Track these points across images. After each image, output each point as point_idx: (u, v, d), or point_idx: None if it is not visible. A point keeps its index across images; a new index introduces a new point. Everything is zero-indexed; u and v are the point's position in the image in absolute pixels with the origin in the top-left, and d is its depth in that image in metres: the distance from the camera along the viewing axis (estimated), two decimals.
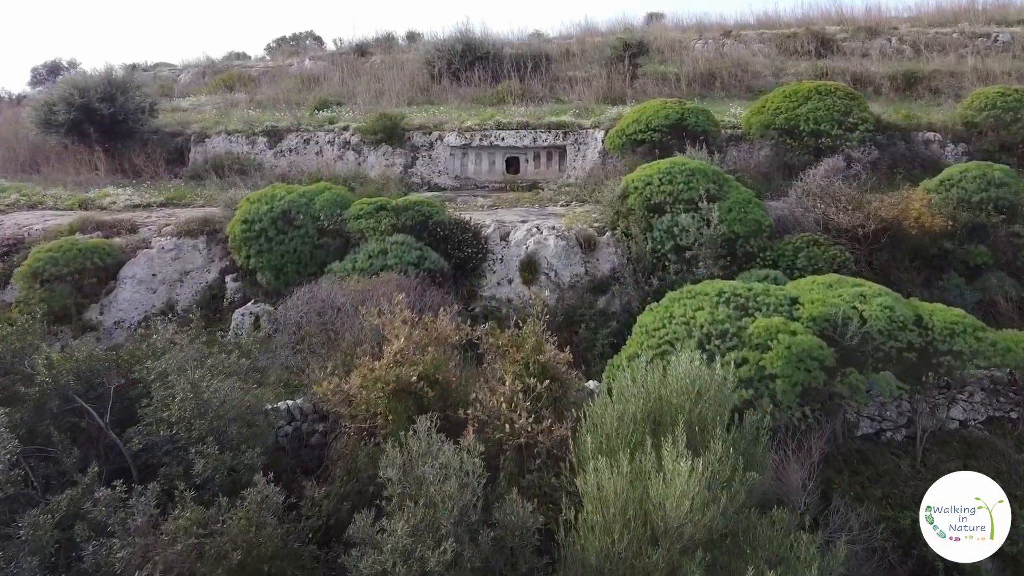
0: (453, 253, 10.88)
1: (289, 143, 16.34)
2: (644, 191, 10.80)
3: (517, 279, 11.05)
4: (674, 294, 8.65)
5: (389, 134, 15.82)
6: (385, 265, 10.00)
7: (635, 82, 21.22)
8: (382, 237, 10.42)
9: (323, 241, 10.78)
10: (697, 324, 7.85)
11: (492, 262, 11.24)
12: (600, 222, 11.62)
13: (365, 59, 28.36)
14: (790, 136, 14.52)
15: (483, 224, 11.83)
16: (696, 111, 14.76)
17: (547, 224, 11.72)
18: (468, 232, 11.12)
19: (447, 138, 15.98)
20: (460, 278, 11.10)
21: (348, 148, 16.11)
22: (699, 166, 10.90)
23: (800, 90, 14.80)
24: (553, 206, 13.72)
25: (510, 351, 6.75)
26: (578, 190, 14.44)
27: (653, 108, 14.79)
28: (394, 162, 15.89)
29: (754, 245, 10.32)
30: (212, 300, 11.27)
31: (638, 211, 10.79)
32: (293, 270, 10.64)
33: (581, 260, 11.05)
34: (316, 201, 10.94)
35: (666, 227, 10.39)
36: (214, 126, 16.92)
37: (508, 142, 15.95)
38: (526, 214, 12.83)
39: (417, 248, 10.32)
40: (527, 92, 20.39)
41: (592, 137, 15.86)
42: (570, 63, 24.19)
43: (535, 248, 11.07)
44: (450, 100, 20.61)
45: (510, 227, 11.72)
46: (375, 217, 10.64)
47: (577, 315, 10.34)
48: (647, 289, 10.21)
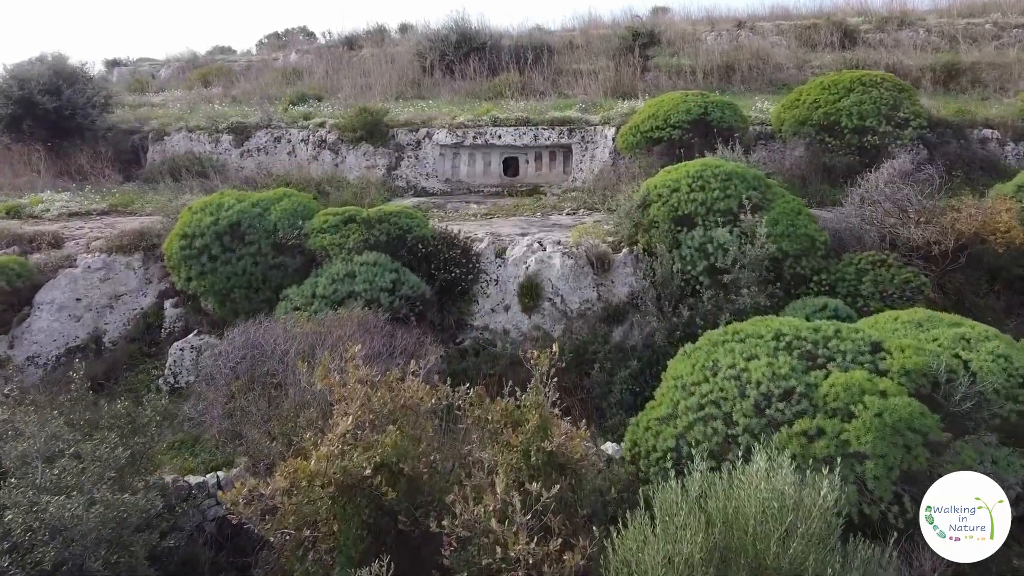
0: (437, 274, 8.97)
1: (257, 141, 14.43)
2: (670, 200, 8.89)
3: (515, 305, 9.14)
4: (716, 334, 6.74)
5: (370, 131, 13.91)
6: (352, 292, 8.10)
7: (646, 75, 19.35)
8: (350, 256, 8.51)
9: (280, 260, 8.87)
10: (752, 380, 5.94)
11: (485, 284, 9.33)
12: (615, 236, 9.71)
13: (354, 52, 26.56)
14: (829, 134, 12.63)
15: (475, 238, 9.92)
16: (721, 105, 12.86)
17: (551, 238, 9.81)
18: (456, 248, 9.21)
19: (436, 136, 14.07)
20: (446, 304, 9.19)
21: (324, 147, 14.20)
22: (736, 169, 8.99)
23: (841, 81, 12.89)
24: (557, 215, 11.81)
25: (504, 431, 4.85)
26: (586, 196, 12.54)
27: (672, 101, 12.88)
28: (376, 163, 13.98)
29: (806, 266, 8.41)
30: (147, 330, 9.37)
31: (662, 224, 8.88)
32: (242, 296, 8.73)
33: (593, 282, 9.14)
34: (272, 211, 9.03)
35: (698, 244, 8.48)
36: (175, 123, 15.01)
37: (506, 140, 14.05)
38: (526, 225, 10.92)
39: (392, 270, 8.41)
40: (527, 86, 18.51)
41: (601, 135, 13.94)
42: (574, 55, 22.33)
43: (537, 268, 9.16)
44: (443, 95, 18.73)
45: (507, 241, 9.82)
46: (341, 232, 8.73)
47: (589, 352, 8.43)
48: (675, 321, 8.30)
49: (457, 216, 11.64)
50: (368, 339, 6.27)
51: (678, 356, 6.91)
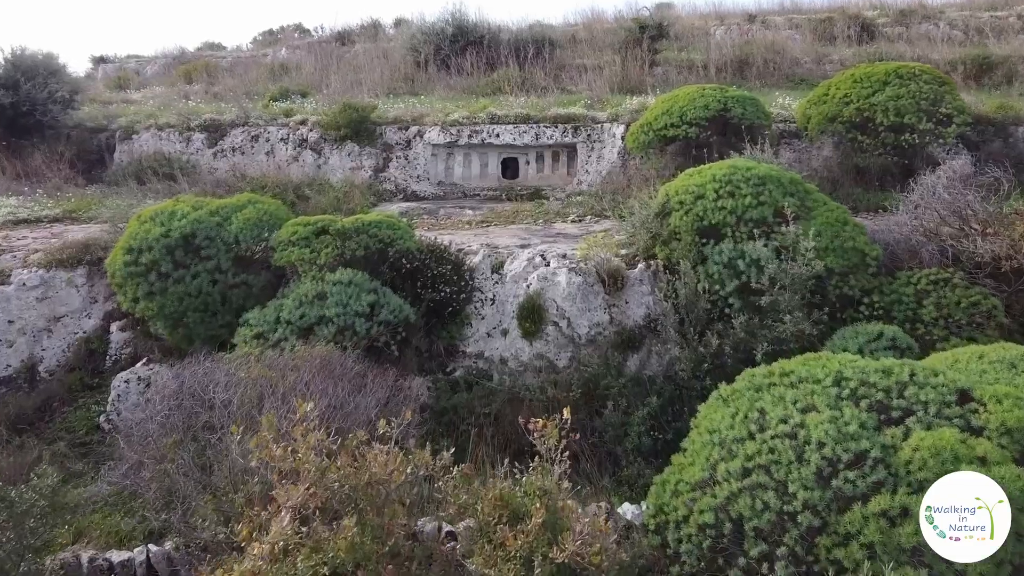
0: (424, 294, 7.75)
1: (233, 140, 13.21)
2: (694, 208, 7.66)
3: (514, 329, 7.91)
4: (758, 375, 5.51)
5: (356, 130, 12.69)
6: (322, 317, 6.88)
7: (654, 70, 18.16)
8: (321, 274, 7.29)
9: (242, 278, 7.64)
10: (811, 439, 4.71)
11: (480, 304, 8.11)
12: (628, 248, 8.49)
13: (347, 48, 25.47)
14: (862, 131, 11.42)
15: (468, 250, 8.70)
16: (743, 100, 11.65)
17: (555, 250, 8.59)
18: (446, 263, 7.98)
19: (428, 135, 12.85)
20: (435, 327, 7.97)
21: (305, 147, 12.97)
22: (770, 172, 7.77)
23: (874, 73, 11.66)
24: (562, 222, 10.59)
25: (498, 527, 3.61)
26: (593, 200, 11.32)
27: (688, 96, 11.67)
28: (362, 164, 12.76)
29: (855, 286, 7.18)
30: (90, 357, 8.15)
31: (685, 236, 7.66)
32: (197, 320, 7.50)
33: (604, 303, 7.92)
34: (233, 221, 7.80)
35: (727, 259, 7.26)
36: (144, 120, 13.78)
37: (505, 139, 12.83)
38: (526, 234, 9.70)
39: (370, 290, 7.18)
40: (528, 81, 17.30)
41: (609, 133, 12.72)
42: (576, 50, 21.15)
43: (540, 286, 7.93)
44: (437, 91, 17.52)
45: (505, 254, 8.60)
46: (312, 245, 7.50)
47: (601, 387, 7.20)
48: (702, 352, 7.07)
49: (449, 224, 10.42)
50: (331, 385, 5.04)
51: (712, 400, 5.69)
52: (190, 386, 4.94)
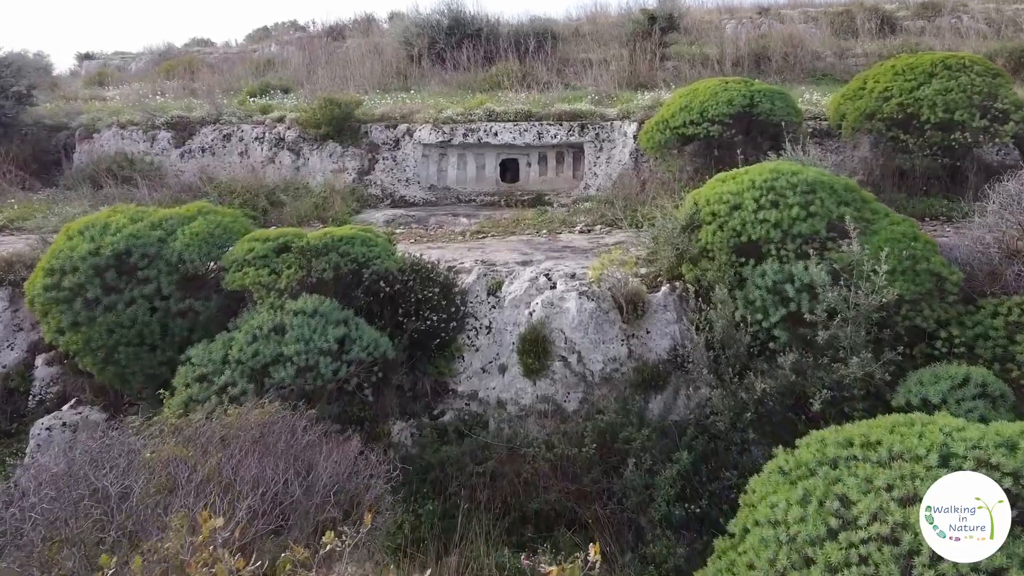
0: (407, 323, 6.47)
1: (202, 139, 11.93)
2: (730, 220, 6.38)
3: (514, 365, 6.63)
4: (831, 442, 4.24)
5: (338, 127, 11.42)
6: (280, 356, 5.60)
7: (665, 64, 16.89)
8: (281, 301, 6.01)
9: (187, 305, 6.36)
10: (922, 549, 3.44)
11: (473, 334, 6.84)
12: (649, 266, 7.21)
13: (339, 43, 24.27)
14: (904, 129, 10.14)
15: (460, 267, 7.44)
16: (770, 94, 10.38)
17: (563, 268, 7.32)
18: (433, 285, 6.71)
19: (419, 133, 11.57)
20: (420, 361, 6.70)
21: (282, 147, 11.70)
22: (820, 177, 6.48)
23: (919, 64, 10.38)
24: (568, 232, 9.32)
25: None
26: (603, 207, 10.05)
27: (709, 91, 10.40)
28: (345, 166, 11.48)
29: (929, 316, 5.90)
30: (10, 397, 6.88)
31: (719, 253, 6.38)
32: (131, 356, 6.22)
33: (621, 333, 6.64)
34: (178, 236, 6.52)
35: (771, 283, 5.98)
36: (106, 117, 12.49)
37: (503, 138, 11.56)
38: (528, 248, 8.42)
39: (339, 321, 5.91)
40: (529, 76, 16.02)
41: (620, 132, 11.45)
42: (580, 44, 19.92)
43: (545, 314, 6.65)
44: (431, 86, 16.27)
45: (504, 272, 7.32)
46: (271, 266, 6.22)
47: (620, 440, 5.91)
48: (743, 398, 5.79)
49: (440, 235, 9.14)
50: (271, 464, 3.77)
51: (770, 474, 4.42)
52: (78, 469, 3.67)
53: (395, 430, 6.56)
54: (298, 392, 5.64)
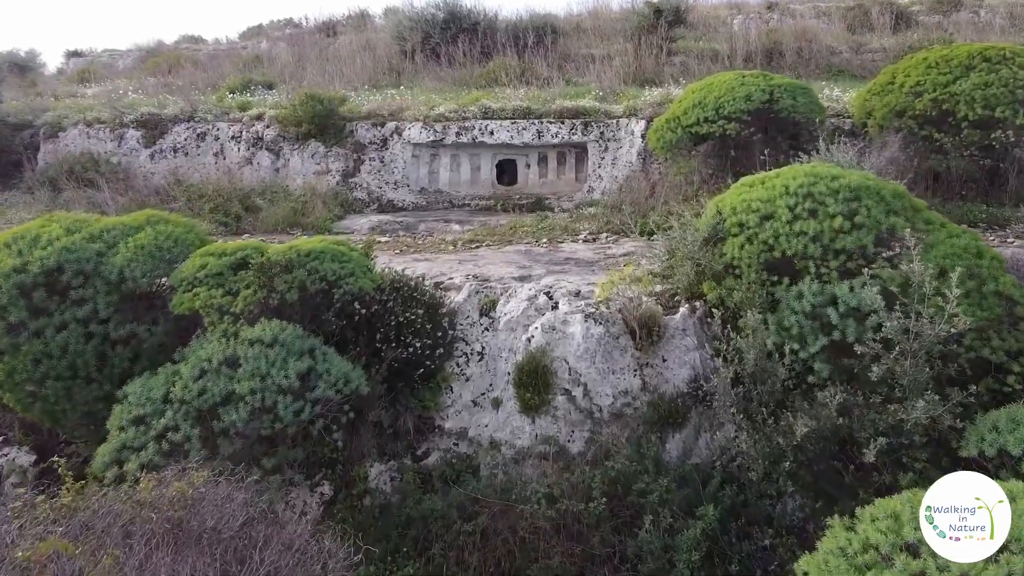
0: (386, 350, 5.58)
1: (175, 139, 11.03)
2: (760, 232, 5.50)
3: (510, 399, 5.74)
4: (904, 514, 3.37)
5: (321, 125, 10.53)
6: (231, 393, 4.72)
7: (672, 59, 16.02)
8: (236, 328, 5.12)
9: (129, 331, 5.47)
10: None
11: (463, 361, 5.96)
12: (664, 282, 6.32)
13: (332, 39, 23.46)
14: (938, 127, 9.27)
15: (449, 284, 6.56)
16: (792, 88, 9.52)
17: (566, 284, 6.43)
18: (417, 305, 5.82)
19: (409, 131, 10.68)
20: (401, 394, 5.82)
21: (261, 147, 10.81)
22: (865, 181, 5.60)
23: (954, 56, 9.49)
24: (571, 241, 8.43)
25: None
26: (610, 213, 9.16)
27: (725, 85, 9.52)
28: (328, 167, 10.59)
29: (998, 347, 5.00)
30: None
31: (747, 271, 5.50)
32: (60, 391, 5.32)
33: (633, 363, 5.75)
34: (120, 250, 5.63)
35: (810, 307, 5.09)
36: (73, 115, 11.61)
37: (500, 138, 10.68)
38: (527, 260, 7.53)
39: (303, 352, 5.02)
40: (528, 72, 15.14)
41: (627, 130, 10.57)
42: (582, 39, 19.07)
43: (546, 340, 5.76)
44: (425, 82, 15.38)
45: (498, 289, 6.43)
46: (226, 285, 5.34)
47: (634, 491, 5.02)
48: (780, 443, 4.90)
49: (430, 244, 8.25)
50: (192, 558, 2.88)
51: (827, 556, 3.53)
52: None
53: (372, 474, 5.68)
54: (253, 437, 4.76)
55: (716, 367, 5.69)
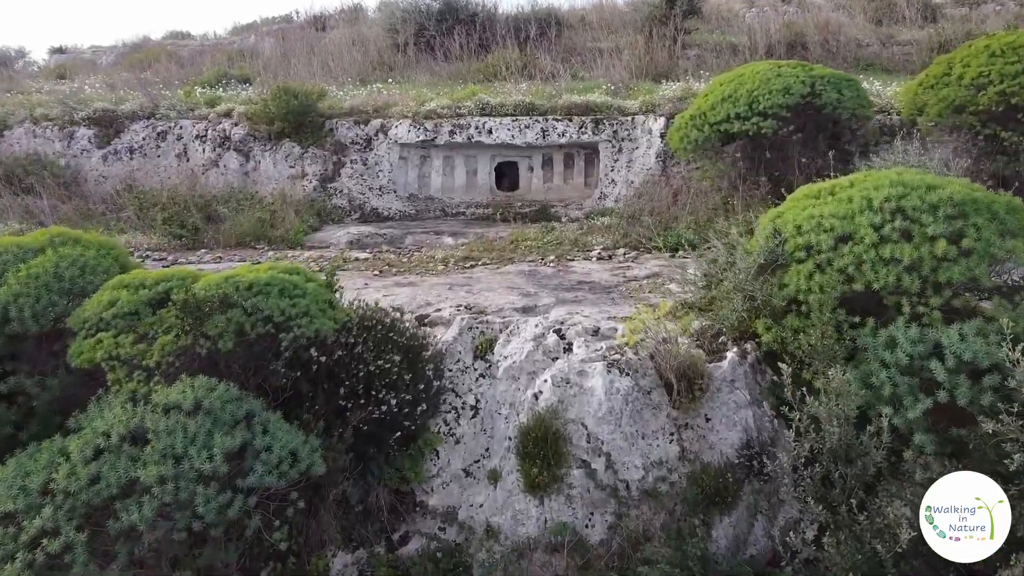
0: (352, 409, 4.33)
1: (132, 138, 9.77)
2: (836, 257, 4.24)
3: (511, 472, 4.48)
4: None
5: (296, 123, 9.28)
6: (133, 484, 3.47)
7: (686, 52, 14.78)
8: (150, 386, 3.87)
9: (13, 384, 4.21)
10: None
11: (452, 417, 4.70)
12: (703, 315, 5.05)
13: (323, 33, 22.31)
14: (1005, 125, 8.04)
15: (434, 317, 5.31)
16: (837, 81, 8.27)
17: (581, 319, 5.17)
18: (394, 349, 4.57)
19: (396, 130, 9.42)
20: (373, 462, 4.56)
21: (228, 147, 9.55)
22: (971, 193, 4.34)
23: (1022, 43, 8.25)
24: (583, 259, 7.17)
25: None
26: (626, 224, 7.90)
27: (759, 76, 8.27)
28: (304, 170, 9.33)
29: None
30: None
31: (818, 308, 4.24)
32: None
33: (669, 424, 4.49)
34: (7, 280, 4.37)
35: (906, 359, 3.84)
36: (21, 111, 10.34)
37: (500, 137, 9.42)
38: (531, 284, 6.26)
39: (236, 422, 3.75)
40: (530, 65, 13.89)
41: (643, 128, 9.31)
42: (587, 33, 17.85)
43: (557, 396, 4.50)
44: (419, 77, 14.13)
45: (497, 324, 5.17)
46: (140, 329, 4.08)
47: None
48: (879, 550, 3.63)
49: (416, 263, 6.99)
50: None
51: None
52: None
53: (335, 567, 4.43)
54: (163, 543, 3.51)
55: (775, 428, 4.45)
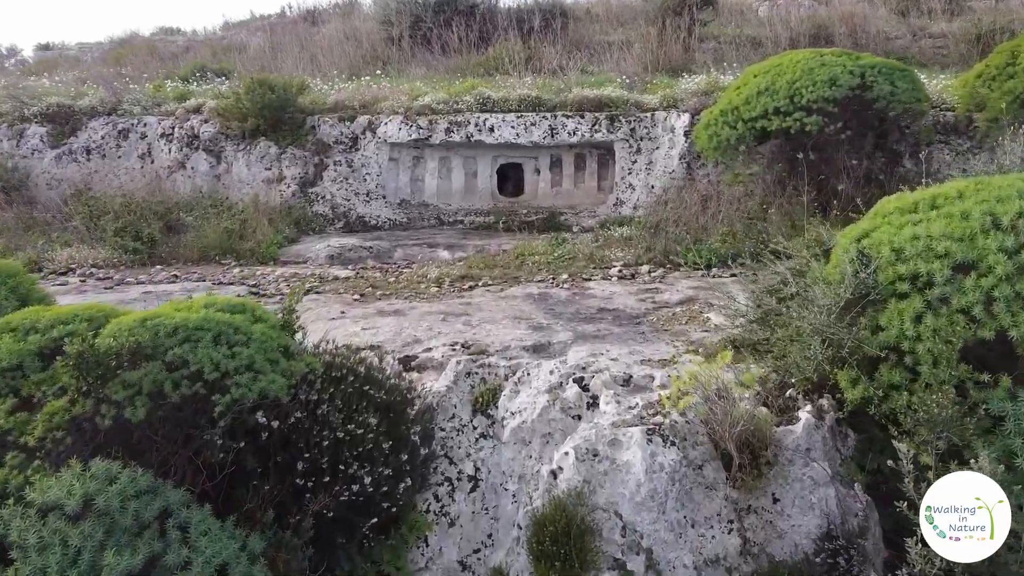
0: (313, 490, 3.27)
1: (90, 136, 8.72)
2: (953, 292, 3.19)
3: (522, 572, 3.43)
4: None
5: (273, 120, 8.23)
6: None
7: (703, 45, 13.76)
8: (25, 476, 2.81)
9: None
10: None
11: (445, 490, 3.65)
12: (761, 358, 4.00)
13: (316, 28, 21.38)
14: None
15: (425, 355, 4.26)
16: (890, 71, 7.27)
17: (607, 364, 4.11)
18: (368, 408, 3.51)
19: (385, 128, 8.36)
20: (344, 551, 3.49)
21: (197, 146, 8.50)
22: None
23: None
24: (602, 278, 6.10)
25: None
26: (648, 236, 6.85)
27: (799, 66, 7.24)
28: (282, 173, 8.27)
29: None
30: None
31: (927, 357, 3.19)
32: None
33: (728, 508, 3.43)
34: None
35: None
36: None
37: (502, 135, 8.36)
38: (543, 312, 5.19)
39: (144, 526, 2.69)
40: (535, 58, 12.85)
41: (666, 126, 8.27)
42: (595, 25, 16.88)
43: (583, 475, 3.44)
44: (414, 71, 13.10)
45: (503, 368, 4.10)
46: (20, 392, 3.01)
47: None
48: None
49: (404, 283, 5.93)
50: None
51: None
52: None
53: None
54: None
55: (864, 513, 3.40)
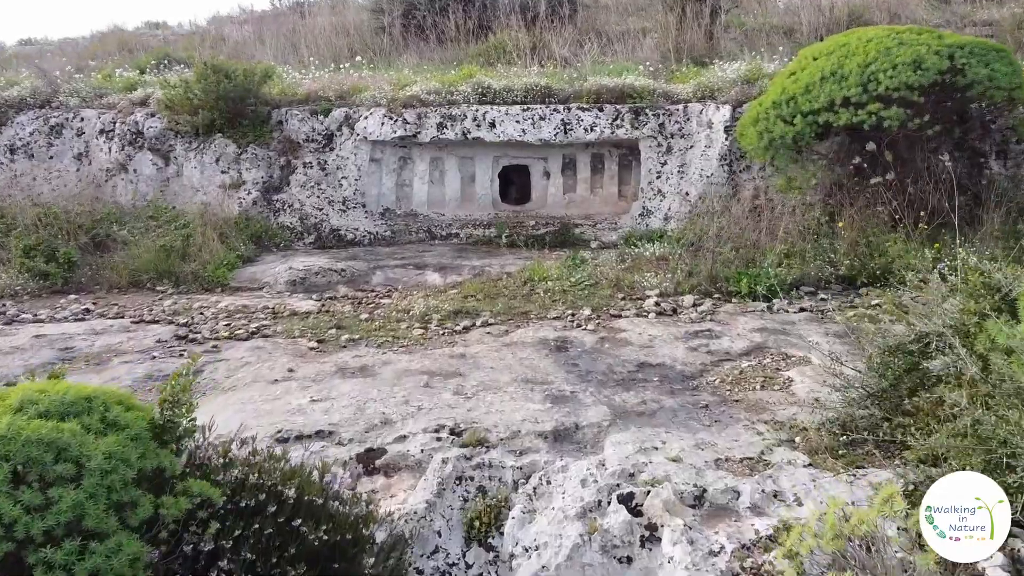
0: None
1: (17, 133, 7.37)
2: None
3: None
4: None
5: (231, 113, 6.87)
6: None
7: (727, 33, 12.45)
8: None
9: None
10: None
11: None
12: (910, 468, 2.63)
13: (304, 20, 20.18)
14: None
15: (394, 450, 2.88)
16: (984, 52, 5.97)
17: (666, 469, 2.75)
18: (298, 555, 2.14)
19: (365, 122, 6.99)
20: None
21: (141, 145, 7.14)
22: None
23: None
24: (634, 310, 4.73)
25: None
26: (689, 256, 5.46)
27: (873, 46, 5.92)
28: (242, 176, 6.90)
29: None
30: None
31: None
32: None
33: None
34: None
35: None
36: None
37: (506, 131, 6.98)
38: (562, 366, 3.82)
39: None
40: (541, 47, 11.51)
41: (701, 120, 6.89)
42: (605, 15, 15.56)
43: None
44: (407, 62, 11.78)
45: (508, 469, 2.73)
46: None
47: None
48: None
49: (380, 323, 4.55)
50: None
51: None
52: None
53: None
54: None
55: None
